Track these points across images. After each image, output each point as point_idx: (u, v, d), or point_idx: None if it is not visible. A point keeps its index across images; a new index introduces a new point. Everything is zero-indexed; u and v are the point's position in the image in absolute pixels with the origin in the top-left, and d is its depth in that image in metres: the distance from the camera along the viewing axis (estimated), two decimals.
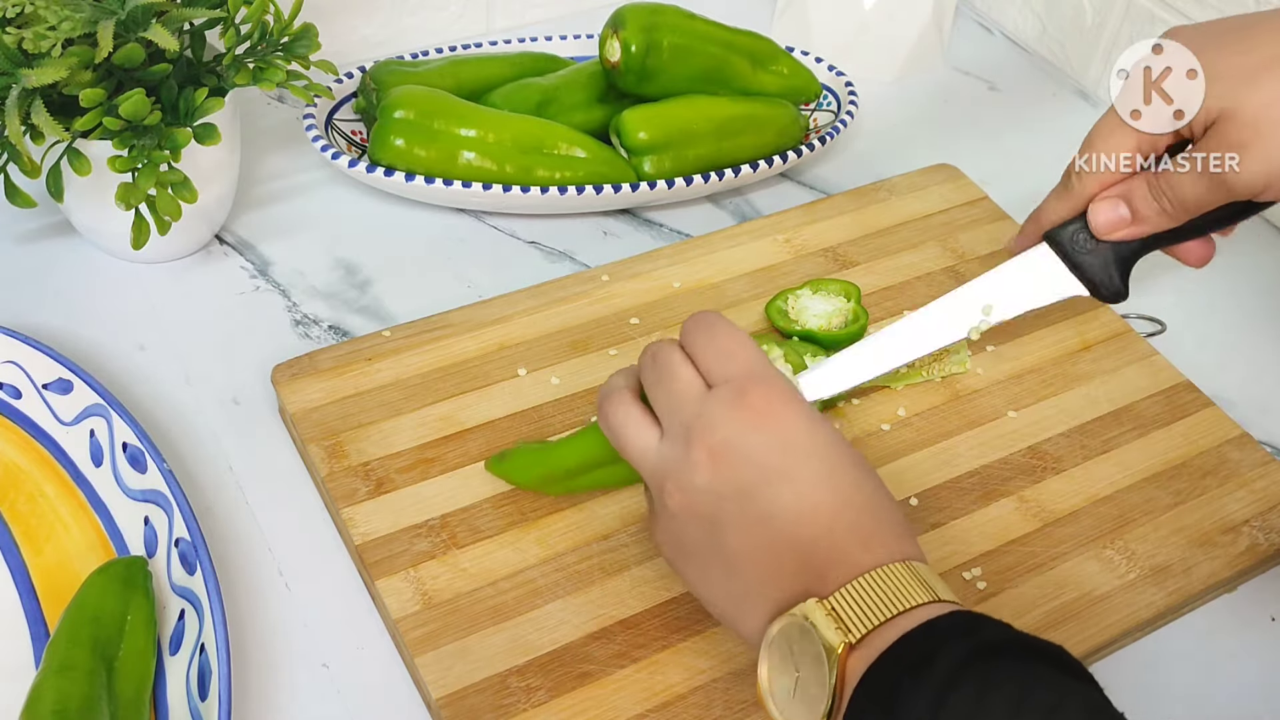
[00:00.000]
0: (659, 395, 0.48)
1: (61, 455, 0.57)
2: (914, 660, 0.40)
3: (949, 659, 0.39)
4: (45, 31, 0.56)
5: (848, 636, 0.41)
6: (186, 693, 0.49)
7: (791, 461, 0.45)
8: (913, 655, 0.40)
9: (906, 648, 0.40)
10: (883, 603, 0.42)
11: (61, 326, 0.65)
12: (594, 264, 0.72)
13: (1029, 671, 0.39)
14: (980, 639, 0.40)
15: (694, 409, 0.46)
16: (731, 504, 0.45)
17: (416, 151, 0.71)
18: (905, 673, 0.39)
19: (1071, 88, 0.93)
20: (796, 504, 0.44)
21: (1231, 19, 0.56)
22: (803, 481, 0.44)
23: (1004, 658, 0.39)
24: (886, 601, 0.42)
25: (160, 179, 0.59)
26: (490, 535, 0.56)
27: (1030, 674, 0.39)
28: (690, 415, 0.46)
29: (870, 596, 0.42)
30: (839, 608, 0.42)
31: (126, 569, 0.51)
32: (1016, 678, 0.38)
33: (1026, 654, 0.40)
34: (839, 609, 0.42)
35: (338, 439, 0.59)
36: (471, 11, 0.88)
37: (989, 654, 0.39)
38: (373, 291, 0.70)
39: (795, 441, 0.45)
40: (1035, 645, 0.40)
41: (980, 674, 0.38)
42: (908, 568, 0.43)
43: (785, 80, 0.80)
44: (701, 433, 0.45)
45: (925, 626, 0.41)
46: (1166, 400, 0.66)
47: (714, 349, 0.47)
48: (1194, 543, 0.59)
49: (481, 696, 0.50)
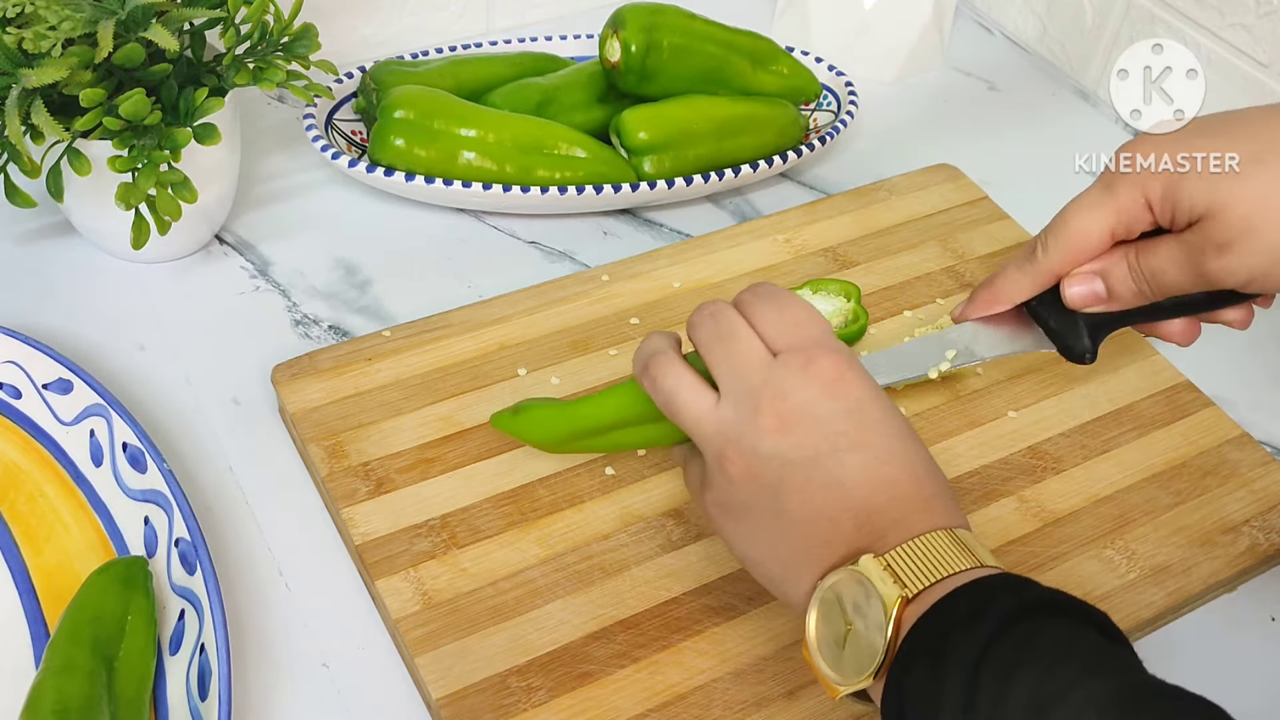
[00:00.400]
0: (719, 356, 0.48)
1: (61, 455, 0.57)
2: (964, 613, 0.41)
3: (998, 611, 0.40)
4: (45, 31, 0.56)
5: (904, 590, 0.42)
6: (186, 693, 0.49)
7: (860, 430, 0.46)
8: (963, 608, 0.41)
9: (957, 601, 0.42)
10: (939, 562, 0.43)
11: (61, 326, 0.65)
12: (594, 264, 0.72)
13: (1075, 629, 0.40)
14: (1029, 595, 0.41)
15: (761, 375, 0.46)
16: (798, 470, 0.45)
17: (416, 151, 0.71)
18: (956, 624, 0.41)
19: (1071, 88, 0.93)
20: (864, 471, 0.45)
21: (1204, 120, 0.55)
22: (871, 450, 0.45)
23: (1050, 614, 0.41)
24: (942, 562, 0.43)
25: (160, 179, 0.59)
26: (490, 535, 0.56)
27: (1076, 631, 0.40)
28: (758, 381, 0.46)
29: (927, 556, 0.43)
30: (895, 564, 0.43)
31: (127, 569, 0.51)
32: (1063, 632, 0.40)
33: (1073, 615, 0.41)
34: (895, 565, 0.43)
35: (338, 439, 0.59)
36: (471, 11, 0.88)
37: (1037, 609, 0.41)
38: (373, 291, 0.70)
39: (864, 410, 0.46)
40: (1082, 608, 0.42)
41: (1027, 626, 0.40)
42: (959, 535, 0.44)
43: (785, 80, 0.80)
44: (771, 399, 0.46)
45: (975, 583, 0.42)
46: (1166, 400, 0.66)
47: (783, 318, 0.48)
48: (1194, 543, 0.59)
49: (481, 696, 0.50)
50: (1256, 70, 0.81)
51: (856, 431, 0.45)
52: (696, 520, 0.57)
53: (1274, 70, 0.80)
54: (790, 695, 0.51)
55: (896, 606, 0.42)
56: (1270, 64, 0.80)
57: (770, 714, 0.51)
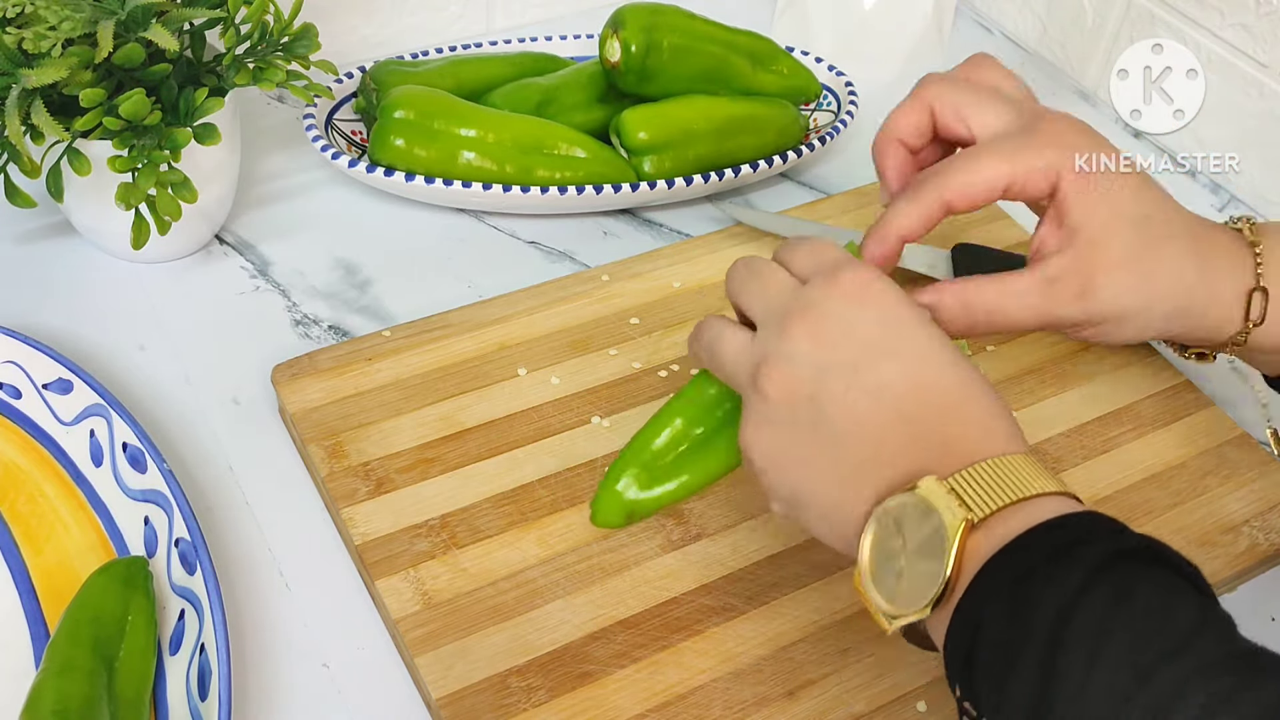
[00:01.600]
0: (753, 292, 0.48)
1: (61, 455, 0.57)
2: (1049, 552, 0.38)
3: (1089, 555, 0.37)
4: (45, 31, 0.56)
5: (970, 514, 0.40)
6: (186, 693, 0.49)
7: (895, 337, 0.44)
8: (1047, 546, 0.38)
9: (1036, 541, 0.39)
10: (1007, 486, 0.40)
11: (61, 326, 0.65)
12: (594, 264, 0.72)
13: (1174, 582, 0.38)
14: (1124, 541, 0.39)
15: (790, 296, 0.46)
16: (835, 378, 0.44)
17: (416, 151, 0.71)
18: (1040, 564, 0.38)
19: (1071, 88, 0.93)
20: (903, 379, 0.44)
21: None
22: (908, 358, 0.44)
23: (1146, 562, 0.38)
24: (1011, 486, 0.40)
25: (160, 179, 0.59)
26: (490, 535, 0.56)
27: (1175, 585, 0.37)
28: (788, 300, 0.46)
29: (994, 479, 0.41)
30: (959, 487, 0.41)
31: (127, 569, 0.51)
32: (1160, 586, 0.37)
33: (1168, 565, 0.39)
34: (959, 488, 0.41)
35: (338, 439, 0.59)
36: (471, 11, 0.88)
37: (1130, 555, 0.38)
38: (373, 291, 0.70)
39: (897, 317, 0.45)
40: (1176, 559, 0.39)
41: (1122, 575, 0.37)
42: (1028, 460, 0.42)
43: (785, 80, 0.80)
44: (801, 312, 0.45)
45: (1062, 520, 0.39)
46: (1166, 400, 0.66)
47: (808, 253, 0.48)
48: (1194, 543, 0.59)
49: (481, 696, 0.50)
50: (1256, 70, 0.81)
51: (889, 338, 0.44)
52: (696, 520, 0.57)
53: (1274, 70, 0.80)
54: (790, 695, 0.51)
55: (961, 531, 0.40)
56: (1270, 64, 0.80)
57: (770, 714, 0.51)
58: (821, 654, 0.53)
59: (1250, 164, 0.83)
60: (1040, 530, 0.39)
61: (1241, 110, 0.82)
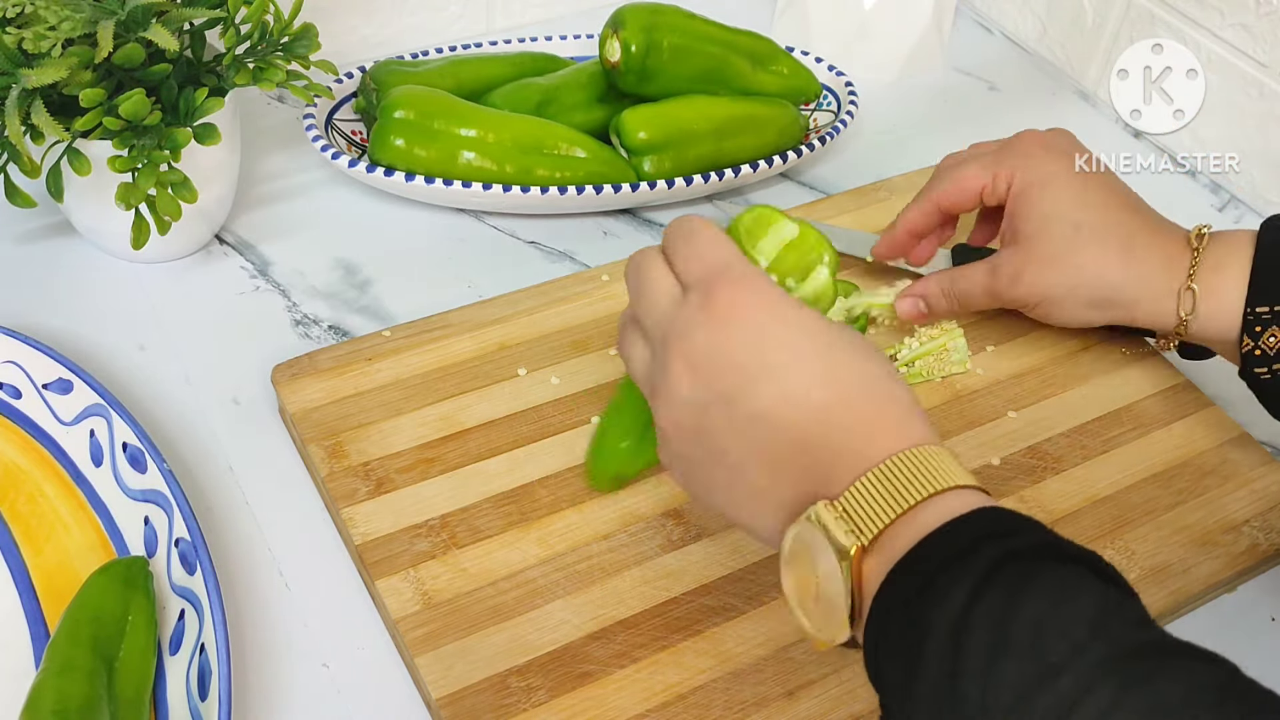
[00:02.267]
0: (642, 300, 0.47)
1: (61, 455, 0.57)
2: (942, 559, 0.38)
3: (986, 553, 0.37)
4: (45, 31, 0.56)
5: (860, 538, 0.39)
6: (186, 693, 0.49)
7: (771, 358, 0.43)
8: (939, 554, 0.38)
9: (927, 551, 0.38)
10: (891, 498, 0.40)
11: (61, 326, 0.65)
12: (594, 264, 0.72)
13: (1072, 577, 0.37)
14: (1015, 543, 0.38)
15: (669, 319, 0.45)
16: (715, 412, 0.44)
17: (416, 151, 0.71)
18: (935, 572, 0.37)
19: (1071, 88, 0.93)
20: (783, 401, 0.42)
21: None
22: (786, 377, 0.43)
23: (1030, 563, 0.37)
24: (895, 497, 0.40)
25: (160, 179, 0.59)
26: (490, 535, 0.56)
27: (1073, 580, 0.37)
28: (666, 326, 0.45)
29: (879, 493, 0.40)
30: (849, 508, 0.40)
31: (127, 569, 0.51)
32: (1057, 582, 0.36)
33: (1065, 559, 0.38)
34: (849, 509, 0.40)
35: (338, 439, 0.59)
36: (471, 11, 0.88)
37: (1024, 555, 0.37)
38: (373, 291, 0.70)
39: (772, 336, 0.43)
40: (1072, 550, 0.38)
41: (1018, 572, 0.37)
42: (915, 456, 0.41)
43: (785, 80, 0.80)
44: (676, 343, 0.44)
45: (947, 528, 0.39)
46: (1166, 400, 0.66)
47: (686, 252, 0.47)
48: (1194, 543, 0.59)
49: (481, 696, 0.50)
50: (1256, 70, 0.81)
51: (765, 360, 0.43)
52: (696, 520, 0.57)
53: (1274, 70, 0.80)
54: (790, 695, 0.51)
55: (853, 556, 0.39)
56: (1270, 64, 0.80)
57: (770, 714, 0.51)
58: (821, 654, 0.53)
59: (1250, 164, 0.83)
60: (932, 540, 0.39)
61: (1241, 110, 0.82)
